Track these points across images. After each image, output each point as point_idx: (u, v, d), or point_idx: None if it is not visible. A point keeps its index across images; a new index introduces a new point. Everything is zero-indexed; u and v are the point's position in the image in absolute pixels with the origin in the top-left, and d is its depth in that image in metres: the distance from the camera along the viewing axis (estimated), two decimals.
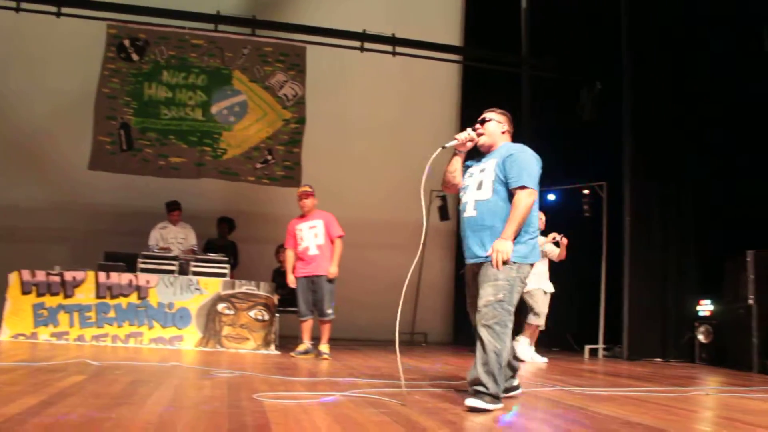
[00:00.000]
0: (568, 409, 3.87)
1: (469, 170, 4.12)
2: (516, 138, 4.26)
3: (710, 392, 5.17)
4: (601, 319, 9.02)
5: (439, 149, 4.09)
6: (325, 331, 7.04)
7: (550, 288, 7.84)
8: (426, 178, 4.08)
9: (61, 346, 6.80)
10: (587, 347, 8.97)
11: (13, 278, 7.33)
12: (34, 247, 9.52)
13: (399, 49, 9.65)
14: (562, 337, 9.55)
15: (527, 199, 3.78)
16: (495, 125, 4.11)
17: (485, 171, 3.95)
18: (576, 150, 9.65)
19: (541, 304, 7.69)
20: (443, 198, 10.30)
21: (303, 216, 7.21)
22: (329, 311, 6.99)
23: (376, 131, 10.93)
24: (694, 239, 8.81)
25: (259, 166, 9.26)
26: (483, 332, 3.70)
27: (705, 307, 8.28)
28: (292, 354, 7.01)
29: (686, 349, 8.40)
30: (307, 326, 7.12)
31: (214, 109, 9.27)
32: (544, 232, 7.72)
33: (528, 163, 3.89)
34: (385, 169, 10.86)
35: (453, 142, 4.10)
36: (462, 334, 10.41)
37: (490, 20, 11.23)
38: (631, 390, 4.92)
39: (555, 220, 8.22)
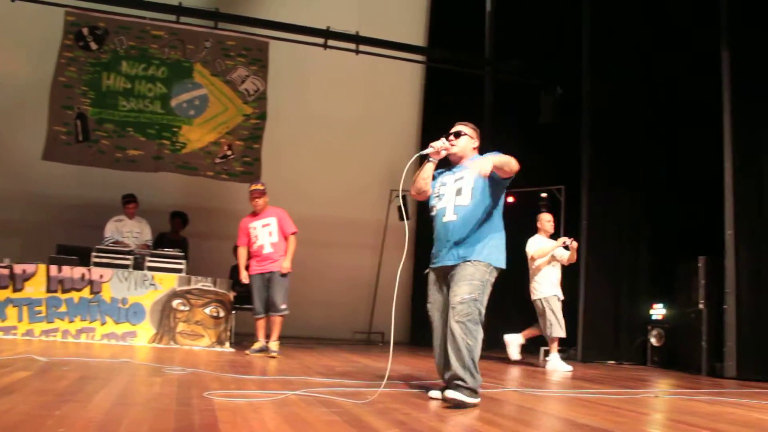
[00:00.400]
0: (518, 411, 3.90)
1: (441, 179, 4.30)
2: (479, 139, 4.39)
3: (659, 394, 5.26)
4: None
5: (417, 156, 4.27)
6: (276, 327, 6.97)
7: (562, 295, 7.49)
8: (385, 178, 4.12)
9: (8, 341, 6.64)
10: (543, 349, 9.05)
11: None
12: None
13: (362, 48, 9.64)
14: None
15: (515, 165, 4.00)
16: (467, 140, 4.32)
17: (464, 179, 4.14)
18: (536, 153, 9.72)
19: (558, 311, 7.33)
20: (403, 198, 10.30)
21: (255, 214, 7.13)
22: (283, 306, 6.93)
23: (339, 129, 10.89)
24: (649, 244, 8.97)
25: (218, 161, 9.16)
26: (456, 328, 3.83)
27: (658, 311, 8.45)
28: (246, 352, 6.94)
29: (639, 351, 8.56)
30: (262, 324, 7.08)
31: (173, 102, 9.14)
32: (553, 236, 7.65)
33: None
34: (347, 168, 10.84)
35: (429, 150, 4.21)
36: (418, 334, 10.43)
37: (455, 22, 11.28)
38: (581, 392, 4.98)
39: (513, 222, 8.26)
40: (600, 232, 8.89)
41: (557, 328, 7.29)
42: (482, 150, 4.34)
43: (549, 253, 7.38)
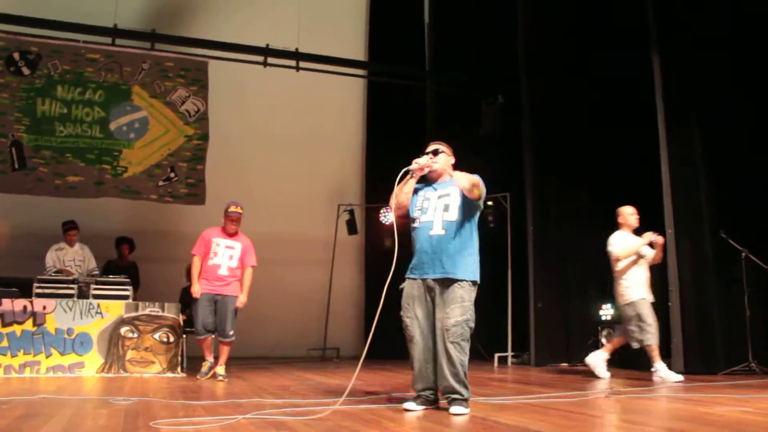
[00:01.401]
0: (469, 420, 3.91)
1: (423, 193, 4.56)
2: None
3: (610, 395, 5.33)
4: (509, 328, 9.21)
5: (402, 171, 4.44)
6: (224, 353, 6.85)
7: (652, 297, 6.87)
8: (333, 193, 4.16)
9: None
10: (497, 355, 9.14)
11: None
12: None
13: (303, 64, 9.62)
14: (472, 346, 9.66)
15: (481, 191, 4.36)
16: (446, 157, 4.62)
17: (450, 196, 4.42)
18: (479, 163, 9.82)
19: (649, 316, 6.65)
20: (351, 212, 10.33)
21: (224, 232, 6.95)
22: (231, 333, 6.81)
23: (283, 146, 10.85)
24: (593, 245, 9.12)
25: (161, 183, 9.02)
26: (451, 348, 4.17)
27: (606, 311, 8.59)
28: (198, 376, 6.81)
29: (591, 352, 8.67)
30: (207, 344, 6.90)
31: (113, 126, 8.98)
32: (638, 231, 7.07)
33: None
34: (294, 184, 10.80)
35: (414, 167, 4.45)
36: (373, 348, 10.38)
37: (395, 35, 11.38)
38: (535, 397, 5.03)
39: None
40: (546, 236, 9.02)
41: (651, 335, 6.59)
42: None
43: (635, 251, 6.80)
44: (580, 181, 9.17)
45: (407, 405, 4.32)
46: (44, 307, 7.13)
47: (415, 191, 4.58)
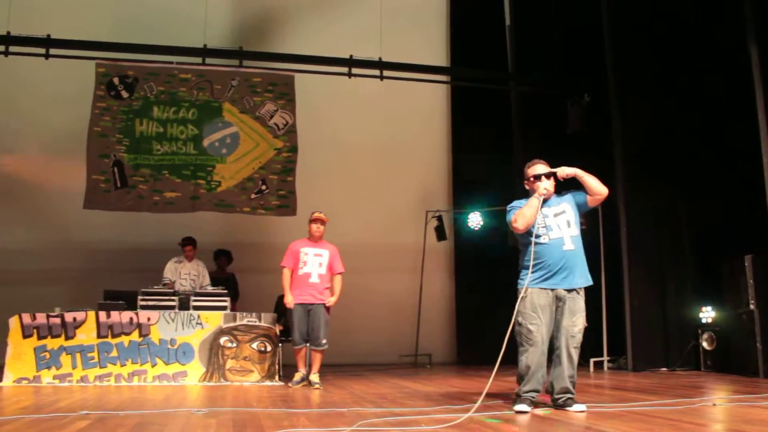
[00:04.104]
0: (574, 429, 3.86)
1: (540, 213, 4.85)
2: (507, 153, 4.91)
3: (717, 402, 5.15)
4: (604, 331, 9.00)
5: (535, 197, 4.85)
6: (317, 361, 7.00)
7: None
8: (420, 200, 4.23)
9: (65, 388, 6.76)
10: (592, 360, 8.95)
11: (14, 322, 7.30)
12: (32, 290, 9.47)
13: (387, 73, 9.72)
14: None
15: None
16: (553, 179, 4.98)
17: (566, 213, 4.88)
18: (567, 163, 9.69)
19: None
20: (439, 218, 10.34)
21: (311, 240, 7.15)
22: (323, 341, 6.95)
23: (369, 155, 10.97)
24: (692, 244, 8.84)
25: (253, 196, 9.29)
26: (574, 353, 4.71)
27: (707, 314, 8.29)
28: (289, 384, 6.96)
29: (691, 356, 8.40)
30: (302, 354, 7.07)
31: (206, 142, 9.31)
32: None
33: None
34: (381, 193, 10.90)
35: (545, 192, 4.87)
36: (466, 353, 10.39)
37: (476, 39, 11.32)
38: (637, 405, 4.91)
39: None
40: (640, 237, 8.79)
41: None
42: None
43: None
44: (672, 179, 8.88)
45: (519, 407, 4.60)
46: (148, 319, 7.47)
47: None
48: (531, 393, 4.68)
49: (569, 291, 4.74)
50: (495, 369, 4.60)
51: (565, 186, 5.02)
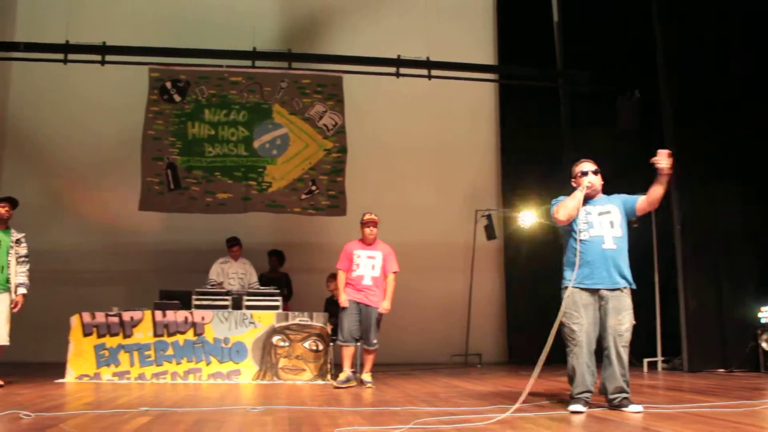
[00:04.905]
0: (631, 430, 3.81)
1: (584, 208, 4.87)
2: (557, 151, 4.91)
3: None
4: (657, 331, 8.85)
5: (578, 190, 4.86)
6: (369, 361, 7.04)
7: None
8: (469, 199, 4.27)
9: (123, 385, 6.94)
10: (646, 361, 8.81)
11: (75, 321, 7.54)
12: (91, 289, 9.78)
13: (434, 72, 9.71)
14: None
15: None
16: (599, 177, 4.98)
17: (612, 213, 4.82)
18: (619, 160, 9.54)
19: None
20: (489, 218, 10.29)
21: (364, 242, 7.19)
22: (375, 341, 6.98)
23: (418, 155, 10.98)
24: (749, 244, 8.63)
25: (304, 197, 9.38)
26: (622, 352, 4.63)
27: (766, 314, 8.08)
28: (334, 384, 6.90)
29: (750, 357, 8.19)
30: (349, 353, 6.99)
31: (256, 144, 9.45)
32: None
33: None
34: (429, 192, 10.92)
35: (587, 185, 4.85)
36: (516, 353, 10.32)
37: (523, 36, 11.23)
38: (695, 406, 4.82)
39: None
40: (695, 234, 8.61)
41: None
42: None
43: None
44: (727, 176, 8.67)
45: (574, 408, 4.57)
46: (203, 318, 7.62)
47: None
48: (584, 394, 4.63)
49: (612, 290, 4.70)
50: (539, 367, 4.51)
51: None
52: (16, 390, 6.22)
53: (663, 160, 4.73)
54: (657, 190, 4.73)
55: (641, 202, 4.82)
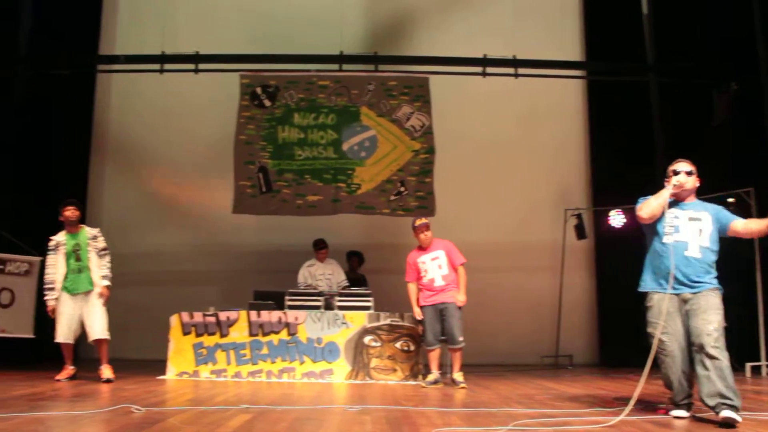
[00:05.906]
0: None
1: (673, 210, 4.71)
2: (650, 148, 4.80)
3: None
4: (761, 333, 8.49)
5: (666, 189, 4.70)
6: (457, 359, 7.05)
7: None
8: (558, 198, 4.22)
9: (221, 383, 7.18)
10: (748, 365, 8.46)
11: (174, 320, 7.85)
12: (188, 290, 10.13)
13: (521, 71, 9.59)
14: None
15: None
16: (695, 180, 4.76)
17: (703, 221, 4.63)
18: (715, 156, 9.19)
19: None
20: (579, 217, 10.10)
21: (421, 248, 7.27)
22: (460, 338, 6.98)
23: (505, 154, 10.87)
24: None
25: (392, 198, 9.45)
26: (717, 354, 4.27)
27: None
28: (422, 384, 7.01)
29: None
30: (435, 355, 7.11)
31: (345, 146, 9.58)
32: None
33: None
34: (517, 191, 10.78)
35: (676, 183, 4.68)
36: (608, 355, 10.09)
37: (611, 32, 10.93)
38: None
39: None
40: None
41: None
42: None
43: None
44: None
45: (677, 413, 4.52)
46: (296, 318, 7.80)
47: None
48: (686, 399, 4.55)
49: (694, 292, 4.53)
50: (645, 374, 4.40)
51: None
52: (123, 385, 6.54)
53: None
54: (757, 230, 4.60)
55: (737, 225, 4.63)
